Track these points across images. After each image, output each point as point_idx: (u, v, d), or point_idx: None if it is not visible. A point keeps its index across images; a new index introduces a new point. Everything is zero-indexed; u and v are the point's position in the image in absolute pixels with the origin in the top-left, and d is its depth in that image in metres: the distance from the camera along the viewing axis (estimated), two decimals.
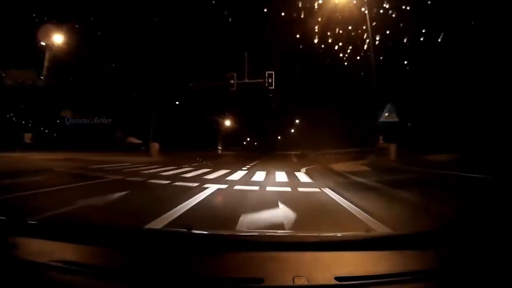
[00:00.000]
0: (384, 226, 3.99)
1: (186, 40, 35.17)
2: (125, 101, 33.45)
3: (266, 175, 11.88)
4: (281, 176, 11.64)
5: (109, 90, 32.34)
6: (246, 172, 13.05)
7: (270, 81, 19.87)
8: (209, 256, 1.47)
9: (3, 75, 22.27)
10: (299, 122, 63.59)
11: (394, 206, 5.77)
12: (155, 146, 22.84)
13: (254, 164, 18.27)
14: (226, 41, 38.45)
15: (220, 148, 43.76)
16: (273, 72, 20.01)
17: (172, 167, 14.14)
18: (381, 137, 24.50)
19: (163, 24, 34.37)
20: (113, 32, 32.16)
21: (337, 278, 1.32)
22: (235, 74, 20.38)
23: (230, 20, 37.03)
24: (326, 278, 1.32)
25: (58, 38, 22.96)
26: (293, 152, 50.20)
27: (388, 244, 1.62)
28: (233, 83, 20.18)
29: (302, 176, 12.01)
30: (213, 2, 35.12)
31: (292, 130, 74.49)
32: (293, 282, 1.29)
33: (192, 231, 1.74)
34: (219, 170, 13.34)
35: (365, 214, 4.79)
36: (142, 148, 33.26)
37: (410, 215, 5.13)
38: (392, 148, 17.26)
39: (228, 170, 13.30)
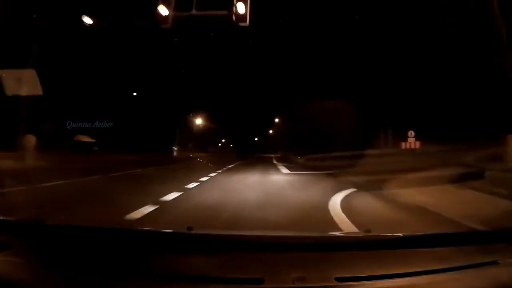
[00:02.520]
0: None
1: None
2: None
3: None
4: None
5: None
6: None
7: (241, 12, 9.34)
8: (209, 256, 1.40)
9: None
10: (280, 121, 56.06)
11: None
12: (28, 141, 12.13)
13: (196, 188, 7.52)
14: None
15: (176, 149, 32.77)
16: None
17: None
18: (411, 133, 15.89)
19: None
20: None
21: (337, 279, 1.24)
22: None
23: None
24: (326, 278, 1.25)
25: None
26: (273, 155, 42.35)
27: (388, 244, 1.49)
28: (167, 16, 9.57)
29: None
30: None
31: (271, 131, 68.03)
32: (293, 282, 1.22)
33: (193, 231, 1.65)
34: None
35: None
36: (95, 148, 27.75)
37: None
38: None
39: None
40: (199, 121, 54.19)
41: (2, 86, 7.35)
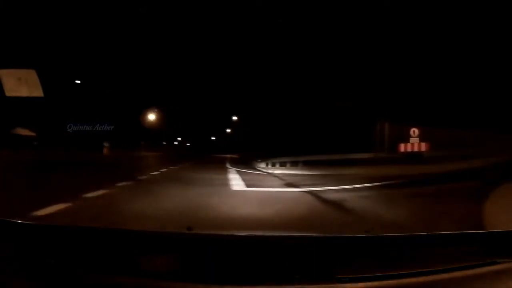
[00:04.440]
0: None
1: None
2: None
3: None
4: None
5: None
6: None
7: None
8: (209, 256, 1.37)
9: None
10: (238, 119, 52.29)
11: None
12: None
13: None
14: None
15: (106, 146, 26.43)
16: None
17: None
18: (414, 131, 12.92)
19: None
20: None
21: (337, 279, 1.23)
22: None
23: None
24: (326, 278, 1.24)
25: None
26: (229, 155, 39.23)
27: (389, 244, 1.51)
28: None
29: None
30: None
31: (229, 130, 64.28)
32: (293, 282, 1.21)
33: (193, 232, 1.70)
34: None
35: None
36: (35, 143, 25.95)
37: None
38: None
39: None
40: (152, 117, 48.66)
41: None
